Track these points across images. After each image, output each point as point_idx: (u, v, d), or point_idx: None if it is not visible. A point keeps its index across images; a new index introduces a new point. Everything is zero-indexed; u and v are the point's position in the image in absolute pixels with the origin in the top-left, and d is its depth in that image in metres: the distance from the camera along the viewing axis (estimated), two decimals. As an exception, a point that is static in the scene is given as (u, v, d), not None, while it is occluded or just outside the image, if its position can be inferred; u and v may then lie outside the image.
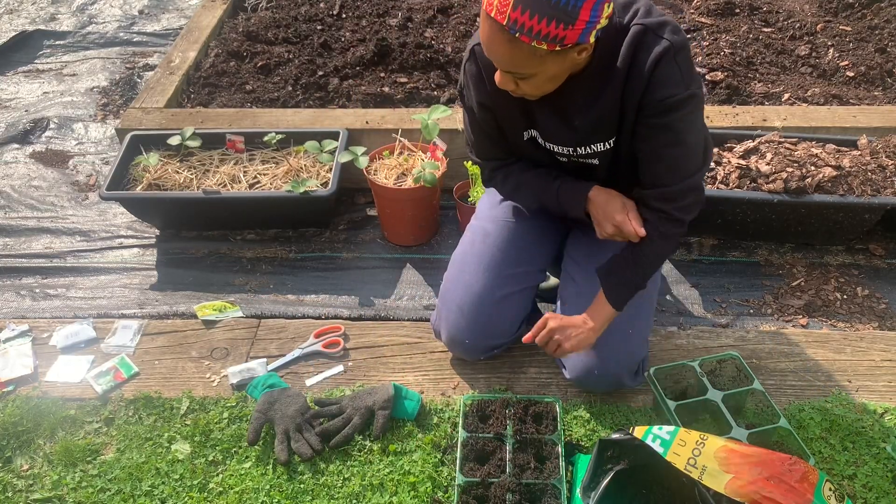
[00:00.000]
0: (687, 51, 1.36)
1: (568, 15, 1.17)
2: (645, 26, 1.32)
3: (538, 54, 1.23)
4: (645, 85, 1.34)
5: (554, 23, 1.17)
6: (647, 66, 1.32)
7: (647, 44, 1.32)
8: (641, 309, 1.67)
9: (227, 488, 1.61)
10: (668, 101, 1.34)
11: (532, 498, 1.50)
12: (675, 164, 1.44)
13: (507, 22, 1.19)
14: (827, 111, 2.52)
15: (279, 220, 2.45)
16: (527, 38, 1.20)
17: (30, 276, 2.38)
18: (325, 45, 3.14)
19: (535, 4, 1.16)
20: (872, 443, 1.64)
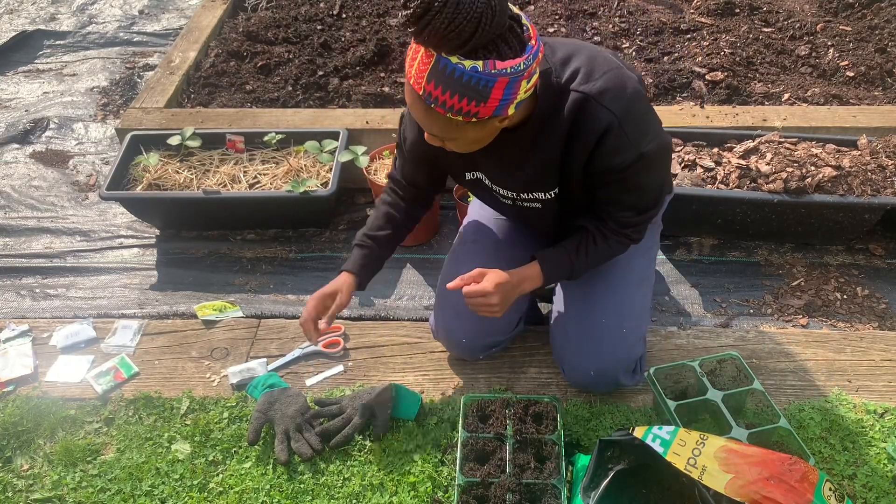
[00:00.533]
0: (635, 108, 1.32)
1: (479, 94, 1.16)
2: (586, 95, 1.30)
3: (455, 123, 1.23)
4: (589, 154, 1.34)
5: (466, 100, 1.17)
6: (592, 137, 1.31)
7: (590, 113, 1.30)
8: (634, 307, 1.67)
9: (227, 488, 1.61)
10: (617, 166, 1.34)
11: (532, 498, 1.50)
12: (631, 204, 1.46)
13: (422, 93, 1.19)
14: (827, 111, 2.52)
15: (279, 220, 2.45)
16: (441, 110, 1.19)
17: (30, 276, 2.38)
18: (325, 45, 3.14)
19: (446, 81, 1.15)
20: (872, 443, 1.64)
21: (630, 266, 1.66)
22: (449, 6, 1.07)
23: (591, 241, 1.51)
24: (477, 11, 1.08)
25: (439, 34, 1.09)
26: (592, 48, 1.37)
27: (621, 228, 1.49)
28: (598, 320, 1.64)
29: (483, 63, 1.13)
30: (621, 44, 3.11)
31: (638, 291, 1.68)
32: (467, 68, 1.13)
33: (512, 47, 1.15)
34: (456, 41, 1.11)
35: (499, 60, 1.14)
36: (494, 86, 1.16)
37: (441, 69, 1.14)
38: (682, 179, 2.18)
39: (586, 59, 1.33)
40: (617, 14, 3.29)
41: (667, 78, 2.82)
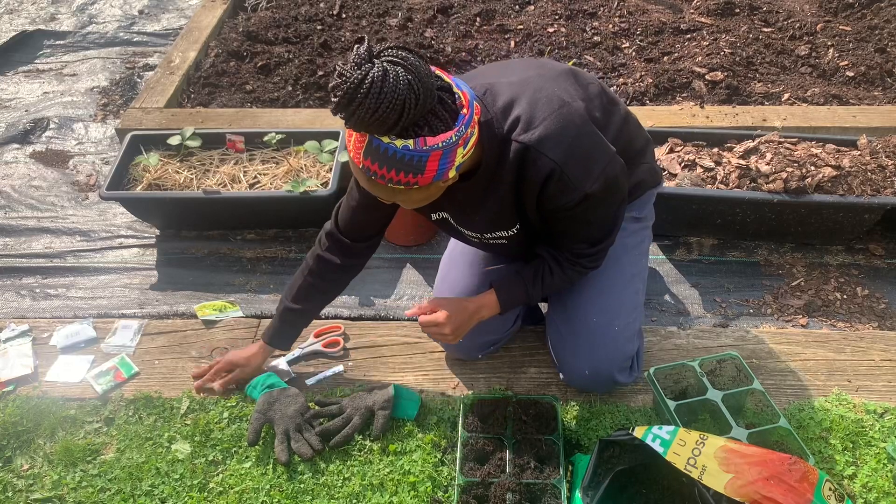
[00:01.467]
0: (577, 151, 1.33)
1: (415, 167, 1.18)
2: (526, 145, 1.31)
3: (398, 190, 1.25)
4: (537, 198, 1.37)
5: (402, 173, 1.19)
6: (536, 184, 1.34)
7: (532, 162, 1.32)
8: (625, 304, 1.67)
9: (227, 488, 1.61)
10: (564, 207, 1.37)
11: (532, 498, 1.50)
12: (585, 237, 1.50)
13: (361, 167, 1.22)
14: (827, 111, 2.52)
15: (279, 219, 2.45)
16: (381, 182, 1.22)
17: (30, 275, 2.38)
18: (325, 45, 3.14)
19: (381, 158, 1.17)
20: (872, 443, 1.64)
21: (619, 263, 1.66)
22: (371, 96, 1.09)
23: (548, 270, 1.54)
24: (399, 99, 1.10)
25: (364, 122, 1.12)
26: (537, 85, 1.37)
27: (577, 259, 1.53)
28: (588, 320, 1.64)
29: (413, 141, 1.16)
30: (621, 44, 3.11)
31: (628, 288, 1.68)
32: (399, 147, 1.16)
33: (443, 120, 1.17)
34: (382, 127, 1.13)
35: (430, 136, 1.17)
36: (429, 159, 1.18)
37: (374, 148, 1.17)
38: (682, 179, 2.18)
39: (527, 104, 1.34)
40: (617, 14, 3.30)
41: (667, 78, 2.82)
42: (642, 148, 1.65)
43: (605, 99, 1.50)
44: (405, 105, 1.11)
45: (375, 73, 1.09)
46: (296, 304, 1.72)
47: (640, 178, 1.65)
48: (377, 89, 1.09)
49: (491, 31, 3.22)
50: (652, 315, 2.10)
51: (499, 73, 1.42)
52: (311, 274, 1.70)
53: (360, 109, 1.10)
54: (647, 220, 1.77)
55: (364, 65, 1.11)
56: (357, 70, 1.10)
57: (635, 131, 1.61)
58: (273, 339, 1.77)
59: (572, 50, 3.06)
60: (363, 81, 1.09)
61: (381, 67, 1.10)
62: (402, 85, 1.10)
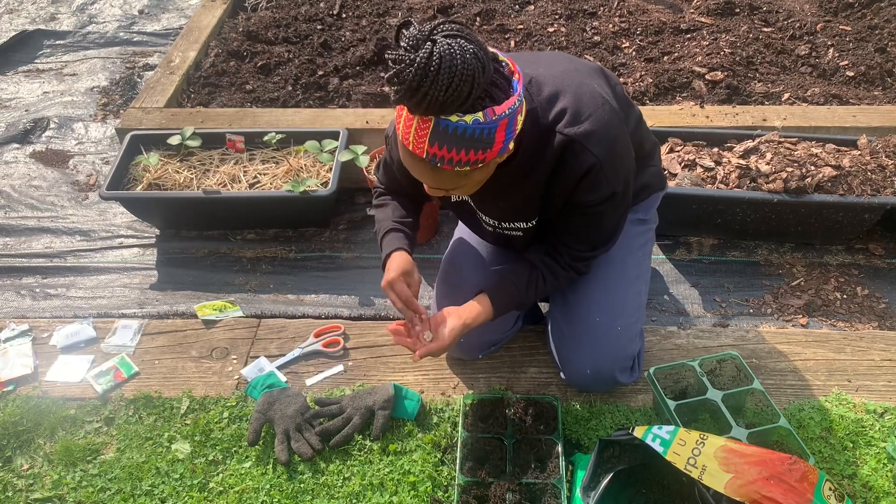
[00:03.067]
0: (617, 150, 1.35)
1: (484, 142, 1.17)
2: (571, 138, 1.31)
3: (462, 174, 1.24)
4: (571, 191, 1.37)
5: (472, 151, 1.17)
6: (575, 177, 1.34)
7: (574, 155, 1.32)
8: (628, 304, 1.68)
9: (227, 488, 1.61)
10: (588, 202, 1.38)
11: (532, 498, 1.50)
12: (589, 238, 1.51)
13: (426, 156, 1.19)
14: (827, 111, 2.52)
15: (279, 219, 2.45)
16: (448, 167, 1.20)
17: (30, 275, 2.38)
18: (325, 44, 3.14)
19: (451, 140, 1.15)
20: (872, 443, 1.64)
21: (623, 263, 1.66)
22: (443, 73, 1.07)
23: (541, 277, 1.55)
24: (469, 70, 1.08)
25: (438, 102, 1.10)
26: (578, 82, 1.37)
27: (573, 262, 1.54)
28: (591, 319, 1.64)
29: (483, 113, 1.14)
30: (621, 44, 3.11)
31: (631, 288, 1.69)
32: (469, 123, 1.14)
33: (503, 89, 1.16)
34: (455, 103, 1.11)
35: (496, 106, 1.15)
36: (497, 130, 1.17)
37: (443, 130, 1.14)
38: (682, 179, 2.18)
39: (573, 98, 1.34)
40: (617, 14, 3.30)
41: (667, 78, 2.82)
42: (650, 151, 1.66)
43: (625, 100, 1.52)
44: (475, 76, 1.09)
45: (441, 50, 1.07)
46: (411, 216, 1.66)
47: (647, 180, 1.65)
48: (447, 64, 1.06)
49: (491, 31, 3.22)
50: (652, 315, 2.10)
51: (536, 64, 1.41)
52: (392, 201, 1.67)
53: (434, 89, 1.07)
54: (652, 222, 1.77)
55: (423, 44, 1.08)
56: (418, 51, 1.07)
57: (646, 134, 1.62)
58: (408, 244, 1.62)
59: (572, 50, 3.06)
60: (431, 59, 1.06)
61: (444, 43, 1.07)
62: (469, 55, 1.08)
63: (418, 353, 1.51)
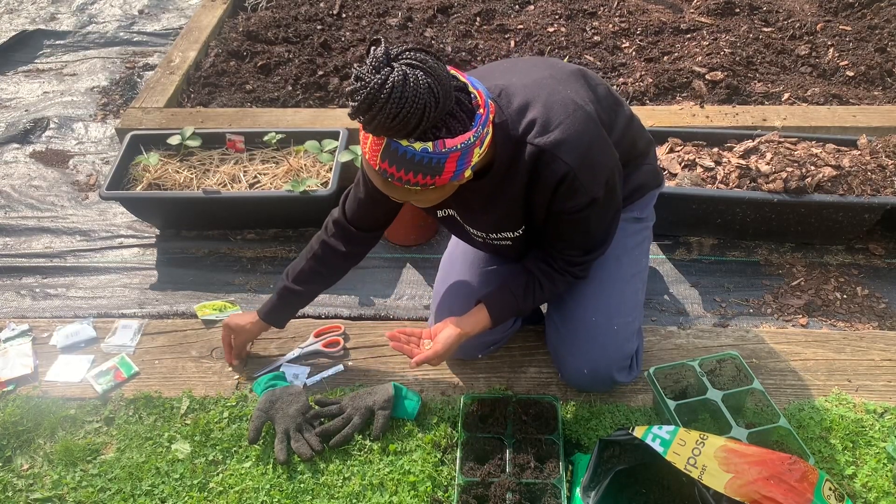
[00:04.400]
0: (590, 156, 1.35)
1: (433, 169, 1.18)
2: (541, 148, 1.31)
3: (413, 190, 1.25)
4: (549, 200, 1.38)
5: (420, 175, 1.19)
6: (550, 186, 1.35)
7: (546, 164, 1.32)
8: (625, 303, 1.67)
9: (227, 488, 1.61)
10: (569, 209, 1.38)
11: (532, 498, 1.50)
12: (580, 244, 1.51)
13: (379, 170, 1.20)
14: (827, 111, 2.52)
15: (279, 219, 2.45)
16: (398, 184, 1.22)
17: (30, 275, 2.38)
18: (325, 44, 3.14)
19: (399, 161, 1.17)
20: (872, 443, 1.64)
21: (619, 261, 1.66)
22: (392, 101, 1.08)
23: (538, 284, 1.56)
24: (420, 103, 1.09)
25: (384, 126, 1.12)
26: (551, 88, 1.37)
27: (568, 267, 1.54)
28: (588, 319, 1.64)
29: (433, 144, 1.15)
30: (621, 44, 3.11)
31: (628, 287, 1.69)
32: (418, 150, 1.16)
33: (461, 121, 1.17)
34: (402, 131, 1.13)
35: (448, 138, 1.16)
36: (447, 161, 1.18)
37: (392, 151, 1.16)
38: (682, 179, 2.18)
39: (542, 107, 1.34)
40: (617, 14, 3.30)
41: (667, 78, 2.82)
42: (645, 149, 1.65)
43: (612, 100, 1.51)
44: (425, 109, 1.10)
45: (395, 78, 1.08)
46: (296, 286, 1.73)
47: (642, 179, 1.65)
48: (398, 94, 1.08)
49: (491, 31, 3.22)
50: (652, 315, 2.10)
51: (510, 74, 1.42)
52: (315, 258, 1.70)
53: (381, 114, 1.10)
54: (648, 220, 1.77)
55: (383, 68, 1.10)
56: (376, 74, 1.09)
57: (638, 132, 1.61)
58: (269, 315, 1.78)
59: (572, 50, 3.06)
60: (384, 86, 1.08)
61: (400, 71, 1.09)
62: (423, 89, 1.09)
63: (415, 360, 1.55)
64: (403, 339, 1.60)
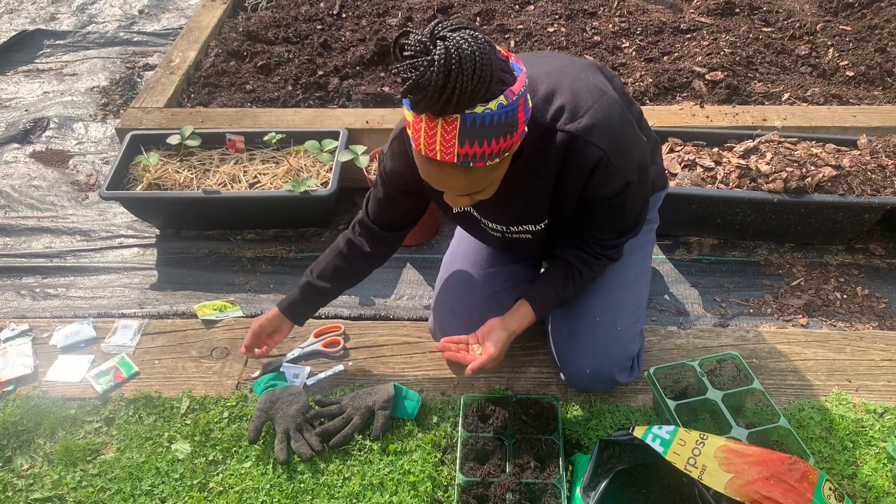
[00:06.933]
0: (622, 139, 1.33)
1: (510, 125, 1.16)
2: (573, 135, 1.30)
3: (491, 167, 1.23)
4: (582, 187, 1.36)
5: (501, 138, 1.16)
6: (583, 174, 1.33)
7: (579, 151, 1.31)
8: (629, 304, 1.67)
9: (227, 488, 1.61)
10: (604, 196, 1.37)
11: (532, 498, 1.50)
12: (615, 227, 1.51)
13: (458, 160, 1.16)
14: (827, 111, 2.52)
15: (279, 219, 2.45)
16: (481, 163, 1.18)
17: (30, 275, 2.38)
18: (325, 44, 3.14)
19: (479, 133, 1.13)
20: (872, 443, 1.64)
21: (624, 263, 1.66)
22: (466, 65, 1.05)
23: (577, 273, 1.55)
24: (485, 55, 1.07)
25: (467, 92, 1.07)
26: (573, 75, 1.36)
27: (604, 251, 1.53)
28: (592, 319, 1.64)
29: (504, 96, 1.13)
30: (621, 43, 3.11)
31: (633, 289, 1.69)
32: (494, 109, 1.12)
33: (508, 70, 1.15)
34: (482, 91, 1.09)
35: (512, 86, 1.14)
36: (518, 110, 1.16)
37: (470, 126, 1.12)
38: (682, 179, 2.18)
39: (569, 93, 1.32)
40: (617, 14, 3.29)
41: (667, 78, 2.82)
42: (652, 149, 1.65)
43: (624, 95, 1.51)
44: (491, 59, 1.08)
45: (451, 44, 1.06)
46: (321, 283, 1.70)
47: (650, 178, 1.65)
48: (467, 55, 1.05)
49: (491, 31, 3.22)
50: (652, 315, 2.10)
51: (530, 64, 1.39)
52: (340, 255, 1.69)
53: (461, 81, 1.06)
54: (653, 222, 1.77)
55: (434, 45, 1.07)
56: (431, 51, 1.06)
57: (646, 131, 1.61)
58: (289, 308, 1.74)
59: (572, 50, 3.06)
60: (449, 55, 1.05)
61: (454, 37, 1.07)
62: (481, 41, 1.07)
63: (470, 368, 1.51)
64: (454, 347, 1.57)
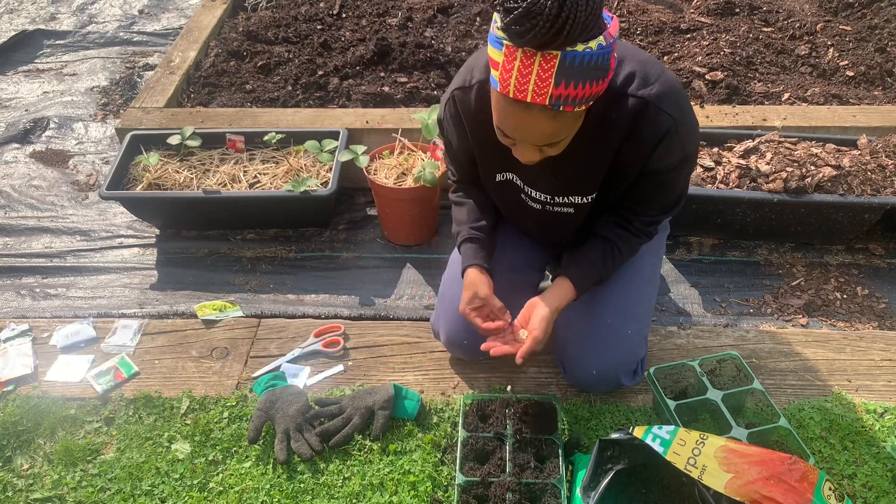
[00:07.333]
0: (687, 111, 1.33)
1: (604, 69, 1.13)
2: (646, 100, 1.28)
3: (577, 115, 1.20)
4: (647, 157, 1.35)
5: (596, 82, 1.13)
6: (652, 141, 1.31)
7: (650, 118, 1.29)
8: (640, 308, 1.67)
9: (227, 488, 1.61)
10: (664, 168, 1.36)
11: (532, 498, 1.50)
12: (660, 203, 1.50)
13: (549, 101, 1.13)
14: (827, 111, 2.52)
15: (279, 219, 2.45)
16: (571, 107, 1.15)
17: (30, 275, 2.38)
18: (325, 44, 3.14)
19: (576, 73, 1.09)
20: (872, 442, 1.64)
21: (638, 267, 1.66)
22: None
23: (616, 250, 1.53)
24: None
25: (580, 24, 1.04)
26: (634, 49, 1.35)
27: (645, 227, 1.52)
28: (604, 321, 1.64)
29: (603, 37, 1.09)
30: (621, 43, 3.11)
31: (644, 293, 1.69)
32: (595, 49, 1.08)
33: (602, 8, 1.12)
34: (591, 23, 1.05)
35: (609, 27, 1.11)
36: (611, 55, 1.13)
37: (569, 64, 1.08)
38: (682, 179, 2.18)
39: (636, 62, 1.31)
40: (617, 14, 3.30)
41: (667, 78, 2.82)
42: None
43: None
44: None
45: None
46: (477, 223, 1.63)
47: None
48: None
49: (491, 31, 3.22)
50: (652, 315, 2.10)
51: None
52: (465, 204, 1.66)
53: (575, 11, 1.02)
54: (665, 230, 1.77)
55: None
56: None
57: None
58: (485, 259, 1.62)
59: (572, 50, 3.06)
60: None
61: None
62: None
63: (519, 356, 1.49)
64: (500, 341, 1.53)
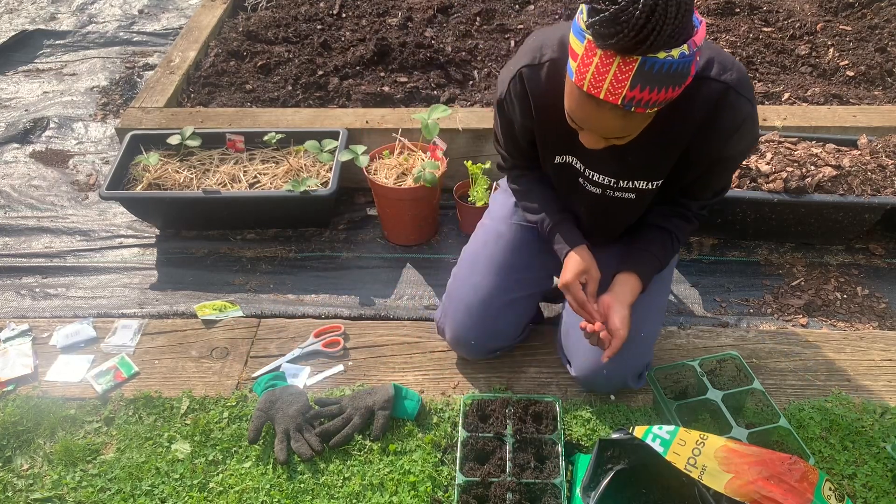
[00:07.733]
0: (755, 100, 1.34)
1: (682, 76, 1.12)
2: (728, 85, 1.28)
3: (648, 115, 1.20)
4: (724, 142, 1.34)
5: (671, 88, 1.12)
6: (732, 127, 1.31)
7: (731, 104, 1.29)
8: (651, 313, 1.67)
9: (227, 488, 1.61)
10: (734, 153, 1.38)
11: (532, 498, 1.50)
12: (717, 186, 1.52)
13: (622, 102, 1.12)
14: (827, 111, 2.52)
15: (279, 219, 2.45)
16: (642, 109, 1.14)
17: (30, 275, 2.38)
18: (325, 44, 3.14)
19: (653, 79, 1.09)
20: (872, 442, 1.64)
21: None
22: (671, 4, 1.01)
23: (675, 239, 1.56)
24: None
25: (666, 34, 1.03)
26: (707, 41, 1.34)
27: (699, 211, 1.55)
28: None
29: (687, 45, 1.08)
30: (621, 43, 3.11)
31: (657, 298, 1.69)
32: (676, 58, 1.07)
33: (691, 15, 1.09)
34: (677, 33, 1.05)
35: (695, 36, 1.10)
36: (692, 63, 1.12)
37: (648, 70, 1.07)
38: (682, 179, 2.18)
39: (711, 50, 1.31)
40: (617, 14, 3.29)
41: (667, 77, 2.82)
42: None
43: None
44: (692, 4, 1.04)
45: None
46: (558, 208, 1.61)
47: None
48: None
49: (491, 31, 3.22)
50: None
51: None
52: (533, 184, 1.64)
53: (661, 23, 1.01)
54: None
55: None
56: None
57: None
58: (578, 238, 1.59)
59: (572, 49, 3.06)
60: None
61: None
62: None
63: (605, 356, 1.51)
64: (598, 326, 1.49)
